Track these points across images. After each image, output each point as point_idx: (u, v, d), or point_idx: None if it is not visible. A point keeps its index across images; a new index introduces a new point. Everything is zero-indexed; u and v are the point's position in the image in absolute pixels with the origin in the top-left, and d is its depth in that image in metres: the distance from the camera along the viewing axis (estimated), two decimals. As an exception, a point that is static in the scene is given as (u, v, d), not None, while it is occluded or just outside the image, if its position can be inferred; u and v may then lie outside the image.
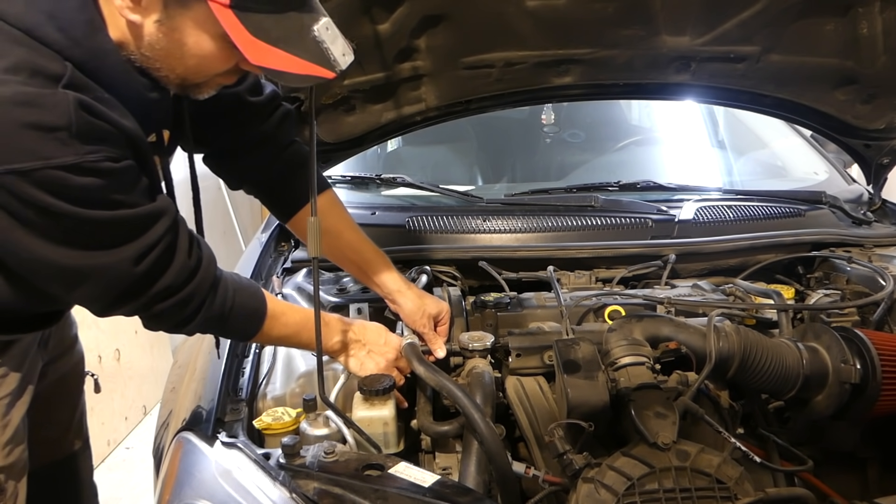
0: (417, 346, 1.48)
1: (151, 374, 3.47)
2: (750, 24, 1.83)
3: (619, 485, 1.16)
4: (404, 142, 2.74)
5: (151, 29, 1.12)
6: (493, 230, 2.03)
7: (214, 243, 1.40)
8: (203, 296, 1.27)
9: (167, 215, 1.22)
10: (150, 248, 1.18)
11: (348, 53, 1.17)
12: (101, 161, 1.10)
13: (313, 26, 1.13)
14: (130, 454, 3.23)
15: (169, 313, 1.25)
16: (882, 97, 2.07)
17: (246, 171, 1.60)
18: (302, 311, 1.46)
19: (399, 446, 1.42)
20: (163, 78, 1.19)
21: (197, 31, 1.13)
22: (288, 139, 1.59)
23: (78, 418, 1.83)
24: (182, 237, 1.24)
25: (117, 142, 1.13)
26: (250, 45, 1.10)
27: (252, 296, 1.37)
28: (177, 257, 1.23)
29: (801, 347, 1.40)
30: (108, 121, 1.12)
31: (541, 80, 1.98)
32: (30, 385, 1.47)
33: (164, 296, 1.23)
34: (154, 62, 1.16)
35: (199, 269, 1.26)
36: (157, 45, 1.14)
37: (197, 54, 1.15)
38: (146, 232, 1.18)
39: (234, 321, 1.34)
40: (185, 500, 1.20)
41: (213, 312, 1.29)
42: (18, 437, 1.45)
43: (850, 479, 1.49)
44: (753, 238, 2.00)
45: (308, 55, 1.14)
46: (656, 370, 1.37)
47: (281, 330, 1.40)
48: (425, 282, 1.76)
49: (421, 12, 1.72)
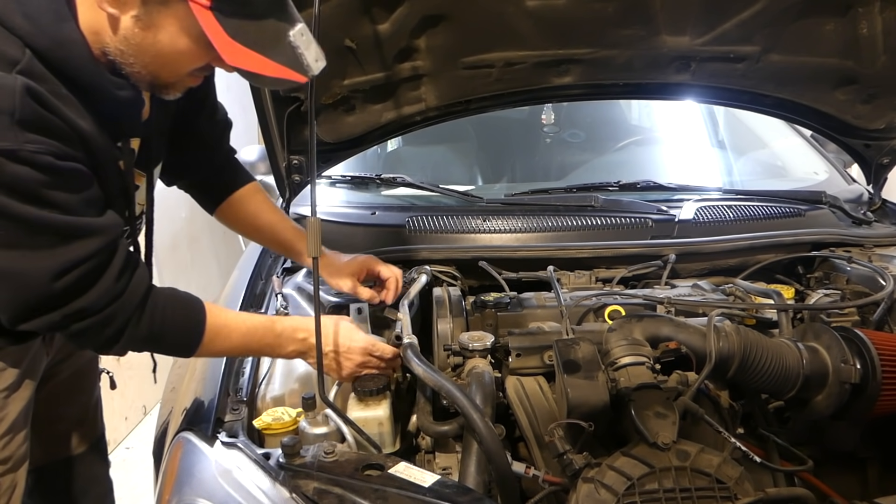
0: (417, 346, 1.48)
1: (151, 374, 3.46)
2: (750, 24, 1.83)
3: (619, 485, 1.16)
4: (404, 142, 2.74)
5: (128, 24, 1.12)
6: (493, 230, 2.03)
7: (215, 243, 1.40)
8: (126, 317, 1.22)
9: (104, 234, 1.18)
10: (75, 264, 1.13)
11: (321, 59, 1.19)
12: (40, 153, 1.07)
13: (289, 32, 1.15)
14: (130, 454, 3.23)
15: (88, 333, 1.21)
16: (882, 97, 2.07)
17: (183, 172, 1.66)
18: (247, 323, 1.41)
19: (395, 446, 1.42)
20: (134, 74, 1.18)
21: (174, 30, 1.13)
22: (225, 144, 1.69)
23: (92, 414, 1.86)
24: (116, 260, 1.20)
25: (66, 139, 1.11)
26: (227, 47, 1.11)
27: (187, 315, 1.32)
28: (103, 280, 1.18)
29: (801, 347, 1.40)
30: (59, 115, 1.10)
31: (541, 80, 1.98)
32: (28, 380, 1.47)
33: (80, 316, 1.18)
34: (127, 57, 1.16)
35: (124, 292, 1.21)
36: (133, 40, 1.14)
37: (171, 52, 1.15)
38: (73, 244, 1.13)
39: (167, 340, 1.30)
40: (185, 499, 1.20)
41: (140, 334, 1.24)
42: (16, 430, 1.46)
43: (850, 479, 1.49)
44: (753, 238, 2.00)
45: (283, 59, 1.15)
46: (656, 370, 1.37)
47: (223, 344, 1.37)
48: (425, 282, 1.76)
49: (421, 12, 1.72)
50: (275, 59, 1.15)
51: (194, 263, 3.90)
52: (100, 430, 1.90)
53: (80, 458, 1.82)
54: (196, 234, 4.09)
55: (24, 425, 1.48)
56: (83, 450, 1.82)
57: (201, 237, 4.16)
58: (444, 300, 1.68)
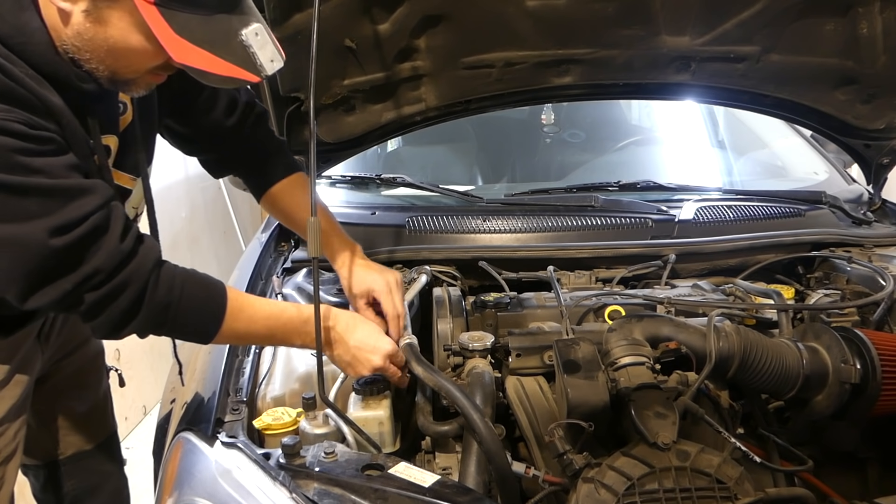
0: (416, 346, 1.48)
1: (151, 374, 3.47)
2: (750, 24, 1.83)
3: (619, 485, 1.16)
4: (404, 142, 2.74)
5: (79, 18, 1.12)
6: (493, 230, 2.03)
7: (215, 243, 1.40)
8: (142, 283, 1.18)
9: (96, 194, 1.15)
10: (73, 223, 1.11)
11: (277, 60, 1.18)
12: (11, 121, 1.07)
13: (242, 30, 1.14)
14: (130, 454, 3.20)
15: (103, 305, 1.16)
16: (882, 97, 2.07)
17: (224, 167, 1.67)
18: (272, 304, 1.39)
19: (395, 446, 1.42)
20: (93, 70, 1.18)
21: (122, 25, 1.12)
22: (261, 134, 1.65)
23: (101, 411, 1.87)
24: (115, 220, 1.17)
25: (36, 110, 1.11)
26: (173, 43, 1.10)
27: (206, 285, 1.28)
28: (107, 239, 1.14)
29: (801, 347, 1.40)
30: (28, 88, 1.10)
31: (541, 80, 1.98)
32: (19, 375, 1.48)
33: (93, 283, 1.14)
34: (83, 52, 1.15)
35: (134, 254, 1.18)
36: (85, 35, 1.13)
37: (124, 48, 1.14)
38: (67, 206, 1.11)
39: (185, 315, 1.25)
40: (184, 499, 1.20)
41: (158, 302, 1.20)
42: (5, 426, 1.47)
43: (850, 479, 1.49)
44: (753, 238, 2.00)
45: (232, 58, 1.14)
46: (656, 370, 1.37)
47: (247, 326, 1.32)
48: (425, 282, 1.76)
49: (421, 12, 1.72)
50: (224, 57, 1.13)
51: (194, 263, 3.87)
52: (111, 427, 1.92)
53: (91, 453, 1.84)
54: (196, 234, 4.09)
55: (15, 422, 1.49)
56: (94, 445, 1.84)
57: (201, 237, 4.17)
58: (444, 300, 1.67)
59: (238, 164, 1.68)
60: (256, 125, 1.64)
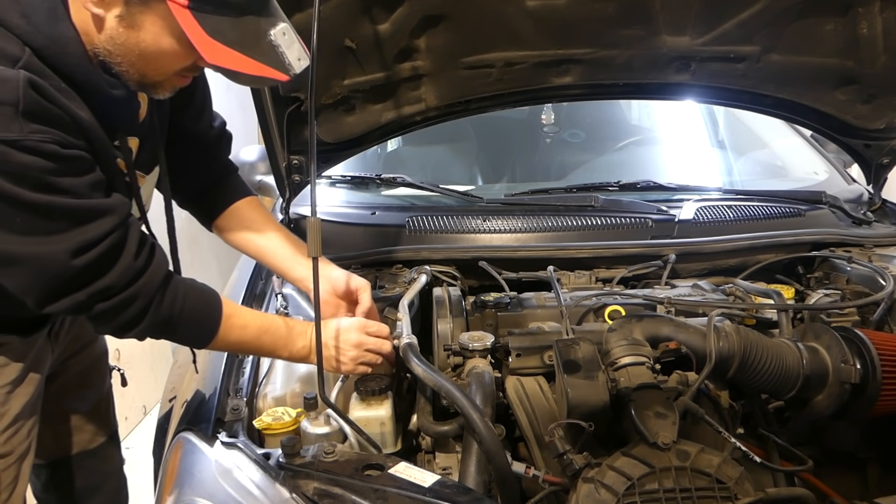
0: (416, 346, 1.48)
1: (151, 374, 3.47)
2: (750, 24, 1.83)
3: (619, 485, 1.16)
4: (404, 142, 2.74)
5: (112, 23, 1.14)
6: (493, 230, 2.03)
7: (214, 243, 1.40)
8: (148, 298, 1.24)
9: (115, 213, 1.21)
10: (93, 243, 1.16)
11: (304, 58, 1.21)
12: (46, 142, 1.10)
13: (270, 31, 1.17)
14: (130, 454, 3.21)
15: (112, 314, 1.23)
16: (882, 97, 2.07)
17: (182, 179, 1.62)
18: (261, 319, 1.43)
19: (396, 446, 1.42)
20: (123, 73, 1.20)
21: (156, 29, 1.15)
22: (224, 155, 1.67)
23: (104, 410, 1.89)
24: (132, 238, 1.23)
25: (68, 128, 1.14)
26: (207, 45, 1.13)
27: (206, 300, 1.35)
28: (122, 258, 1.20)
29: (801, 347, 1.40)
30: (60, 106, 1.12)
31: (541, 80, 1.98)
32: (32, 373, 1.50)
33: (105, 295, 1.20)
34: (115, 56, 1.18)
35: (145, 270, 1.24)
36: (118, 40, 1.16)
37: (156, 51, 1.17)
38: (87, 225, 1.16)
39: (185, 326, 1.32)
40: (184, 499, 1.21)
41: (161, 316, 1.27)
42: (19, 424, 1.48)
43: (850, 479, 1.49)
44: (753, 238, 2.00)
45: (263, 58, 1.17)
46: (656, 370, 1.37)
47: (239, 335, 1.37)
48: (425, 281, 1.76)
49: (421, 12, 1.72)
50: (255, 57, 1.16)
51: (194, 263, 3.90)
52: (112, 427, 1.94)
53: (92, 452, 1.85)
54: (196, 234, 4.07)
55: (29, 420, 1.50)
56: (96, 445, 1.86)
57: (201, 237, 4.15)
58: (444, 300, 1.67)
59: (199, 178, 1.64)
60: (227, 146, 1.67)
